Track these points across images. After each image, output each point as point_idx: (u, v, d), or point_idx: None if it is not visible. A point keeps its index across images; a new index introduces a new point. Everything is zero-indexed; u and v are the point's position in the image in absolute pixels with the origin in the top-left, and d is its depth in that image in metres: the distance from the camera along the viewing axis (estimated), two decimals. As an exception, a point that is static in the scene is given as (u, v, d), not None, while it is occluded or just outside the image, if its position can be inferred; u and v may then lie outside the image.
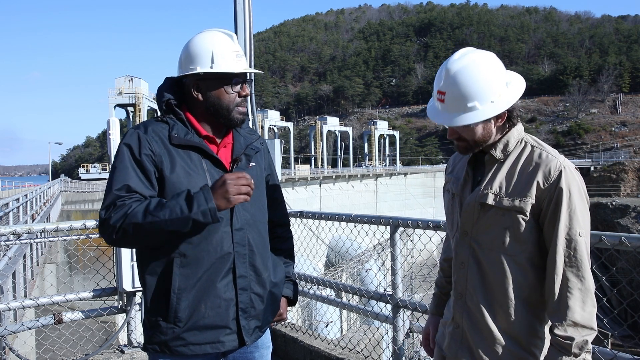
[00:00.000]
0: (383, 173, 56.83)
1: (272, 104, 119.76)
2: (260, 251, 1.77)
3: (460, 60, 1.47)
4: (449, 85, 1.47)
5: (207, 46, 1.69)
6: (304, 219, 3.89)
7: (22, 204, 11.72)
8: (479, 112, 1.46)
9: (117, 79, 42.24)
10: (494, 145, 1.57)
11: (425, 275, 9.68)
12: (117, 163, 1.63)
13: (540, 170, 1.48)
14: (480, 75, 1.45)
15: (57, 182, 29.86)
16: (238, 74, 1.71)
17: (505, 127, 1.56)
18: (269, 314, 1.82)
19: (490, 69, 1.47)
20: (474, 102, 1.46)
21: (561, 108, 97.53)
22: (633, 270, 2.66)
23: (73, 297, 3.43)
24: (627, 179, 59.22)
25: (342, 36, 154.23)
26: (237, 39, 1.79)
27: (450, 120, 1.49)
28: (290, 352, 3.90)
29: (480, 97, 1.46)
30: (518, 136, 1.57)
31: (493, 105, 1.47)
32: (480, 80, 1.45)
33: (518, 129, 1.58)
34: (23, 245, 7.33)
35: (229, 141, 1.79)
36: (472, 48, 1.53)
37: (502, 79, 1.49)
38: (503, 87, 1.48)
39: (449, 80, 1.47)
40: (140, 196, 1.59)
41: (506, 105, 1.48)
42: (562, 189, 1.45)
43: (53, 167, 62.62)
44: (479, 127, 1.51)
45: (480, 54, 1.49)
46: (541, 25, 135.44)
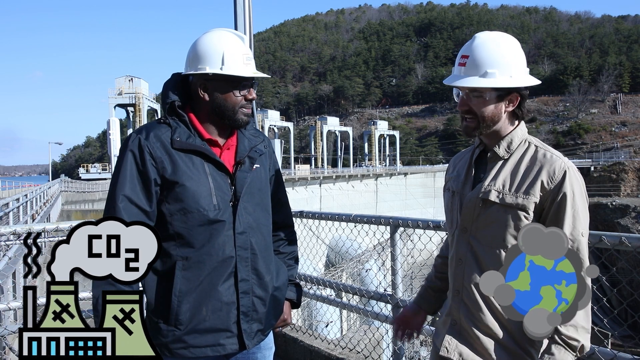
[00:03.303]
0: (383, 173, 56.83)
1: (272, 104, 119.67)
2: (263, 254, 1.76)
3: (490, 33, 1.56)
4: (475, 48, 1.54)
5: (218, 47, 1.68)
6: (304, 219, 3.89)
7: (22, 204, 11.72)
8: (497, 80, 1.51)
9: (117, 79, 42.21)
10: (497, 142, 1.59)
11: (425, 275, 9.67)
12: (119, 171, 1.64)
13: (545, 169, 1.50)
14: (507, 48, 1.53)
15: (57, 182, 29.84)
16: (247, 77, 1.71)
17: (514, 122, 1.59)
18: (271, 317, 1.82)
19: (517, 48, 1.55)
20: (494, 69, 1.51)
21: (561, 108, 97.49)
22: (633, 270, 2.66)
23: (73, 297, 3.42)
24: (627, 179, 59.23)
25: (342, 36, 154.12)
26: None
27: (468, 81, 1.53)
28: (290, 352, 3.90)
29: (502, 67, 1.51)
30: (522, 136, 1.59)
31: (511, 79, 1.51)
32: (506, 52, 1.52)
33: (522, 129, 1.60)
34: (23, 246, 7.32)
35: (233, 143, 1.78)
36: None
37: (524, 63, 1.55)
38: (524, 68, 1.55)
39: (477, 44, 1.54)
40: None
41: (522, 83, 1.53)
42: (566, 190, 1.47)
43: (53, 167, 62.63)
44: (491, 104, 1.54)
45: (510, 36, 1.57)
46: (541, 25, 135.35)
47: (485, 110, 1.54)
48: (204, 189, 1.66)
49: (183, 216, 1.64)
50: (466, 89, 1.55)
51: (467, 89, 1.55)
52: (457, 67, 1.57)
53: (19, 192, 15.77)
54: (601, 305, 7.25)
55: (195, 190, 1.64)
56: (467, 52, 1.54)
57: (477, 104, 1.55)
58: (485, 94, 1.53)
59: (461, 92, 1.58)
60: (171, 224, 1.64)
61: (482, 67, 1.51)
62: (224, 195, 1.69)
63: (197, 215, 1.64)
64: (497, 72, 1.51)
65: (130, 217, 1.60)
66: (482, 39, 1.54)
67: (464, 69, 1.55)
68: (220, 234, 1.66)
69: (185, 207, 1.64)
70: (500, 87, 1.52)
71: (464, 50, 1.56)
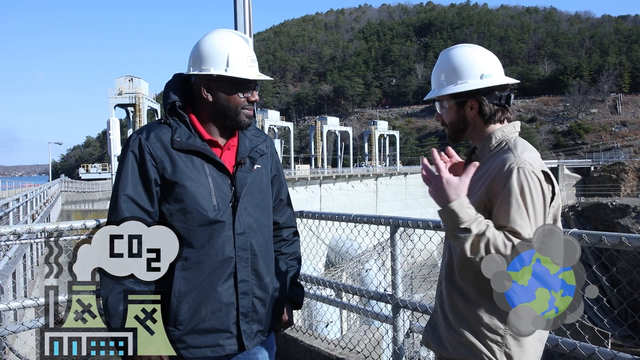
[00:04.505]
0: (383, 173, 56.84)
1: (272, 104, 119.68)
2: (263, 255, 1.76)
3: (452, 48, 1.69)
4: (436, 65, 1.70)
5: (223, 48, 1.68)
6: (304, 219, 3.89)
7: (22, 204, 11.71)
8: (443, 89, 1.64)
9: (117, 79, 42.18)
10: (479, 145, 1.66)
11: (425, 275, 9.68)
12: (120, 172, 1.65)
13: (497, 168, 1.50)
14: (457, 58, 1.64)
15: (57, 182, 29.82)
16: (251, 80, 1.71)
17: (488, 117, 1.62)
18: (272, 318, 1.81)
19: (466, 57, 1.63)
20: (442, 79, 1.65)
21: (561, 108, 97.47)
22: (633, 270, 2.66)
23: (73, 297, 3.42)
24: (627, 179, 59.21)
25: (342, 36, 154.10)
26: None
27: (428, 94, 1.69)
28: (290, 352, 3.90)
29: (449, 76, 1.64)
30: (501, 137, 1.61)
31: (455, 87, 1.61)
32: (456, 61, 1.63)
33: (505, 130, 1.61)
34: (23, 245, 7.33)
35: (234, 143, 1.78)
36: (474, 45, 1.69)
37: (477, 69, 1.61)
38: (473, 76, 1.61)
39: (438, 60, 1.70)
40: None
41: (465, 88, 1.59)
42: (510, 186, 1.44)
43: (53, 167, 62.65)
44: (452, 112, 1.65)
45: (471, 46, 1.67)
46: (541, 25, 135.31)
47: (448, 118, 1.68)
48: (204, 189, 1.66)
49: (183, 216, 1.64)
50: (429, 101, 1.69)
51: (431, 101, 1.70)
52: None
53: (19, 192, 15.76)
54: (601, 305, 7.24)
55: (195, 191, 1.64)
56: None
57: (444, 114, 1.69)
58: (444, 103, 1.67)
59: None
60: (171, 224, 1.64)
61: (437, 79, 1.67)
62: (224, 195, 1.69)
63: (196, 215, 1.64)
64: (444, 82, 1.65)
65: (132, 216, 1.60)
66: (443, 54, 1.69)
67: (432, 84, 1.72)
68: (220, 234, 1.66)
69: (185, 207, 1.64)
70: (448, 95, 1.62)
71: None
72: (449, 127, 1.69)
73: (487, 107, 1.61)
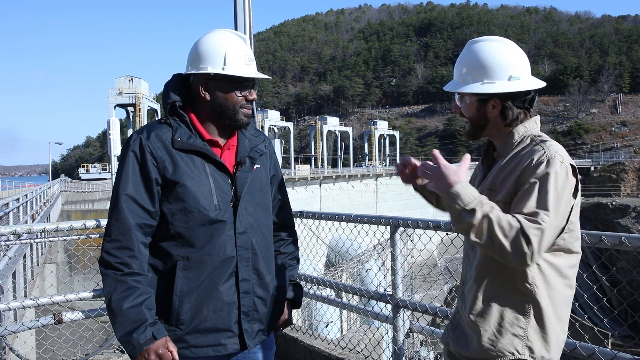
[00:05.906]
0: (383, 173, 56.75)
1: (272, 104, 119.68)
2: (263, 254, 1.76)
3: (482, 39, 1.61)
4: (462, 54, 1.62)
5: (220, 47, 1.68)
6: (304, 219, 3.89)
7: (22, 204, 11.70)
8: (467, 86, 1.57)
9: (117, 79, 42.20)
10: (499, 142, 1.61)
11: (425, 275, 9.69)
12: (121, 172, 1.65)
13: (526, 159, 1.48)
14: (483, 54, 1.55)
15: (57, 182, 29.81)
16: (248, 78, 1.71)
17: (509, 121, 1.58)
18: (272, 317, 1.82)
19: (494, 55, 1.55)
20: (468, 75, 1.57)
21: (561, 108, 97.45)
22: (633, 270, 2.66)
23: (73, 297, 3.43)
24: (627, 179, 59.14)
25: (342, 36, 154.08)
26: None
27: (449, 85, 1.62)
28: (290, 352, 3.90)
29: (474, 72, 1.56)
30: (524, 133, 1.58)
31: (482, 86, 1.54)
32: (480, 58, 1.55)
33: (527, 126, 1.59)
34: (23, 245, 7.33)
35: (234, 143, 1.78)
36: (504, 38, 1.61)
37: (506, 70, 1.54)
38: (501, 76, 1.54)
39: (464, 50, 1.61)
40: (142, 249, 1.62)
41: (490, 91, 1.54)
42: (539, 176, 1.43)
43: (53, 167, 62.61)
44: (473, 108, 1.59)
45: (500, 41, 1.58)
46: (541, 25, 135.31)
47: (468, 113, 1.62)
48: (205, 189, 1.66)
49: (184, 216, 1.65)
50: (451, 92, 1.63)
51: (453, 93, 1.63)
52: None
53: (19, 192, 15.76)
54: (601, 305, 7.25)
55: (196, 190, 1.64)
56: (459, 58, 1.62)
57: (463, 108, 1.63)
58: (465, 98, 1.60)
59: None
60: (172, 223, 1.65)
61: (460, 73, 1.59)
62: (225, 195, 1.69)
63: (197, 215, 1.65)
64: (469, 78, 1.56)
65: (133, 216, 1.61)
66: (470, 45, 1.60)
67: (454, 74, 1.64)
68: (221, 234, 1.66)
69: (186, 207, 1.64)
70: (468, 93, 1.57)
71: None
72: (469, 123, 1.63)
73: (510, 111, 1.57)
